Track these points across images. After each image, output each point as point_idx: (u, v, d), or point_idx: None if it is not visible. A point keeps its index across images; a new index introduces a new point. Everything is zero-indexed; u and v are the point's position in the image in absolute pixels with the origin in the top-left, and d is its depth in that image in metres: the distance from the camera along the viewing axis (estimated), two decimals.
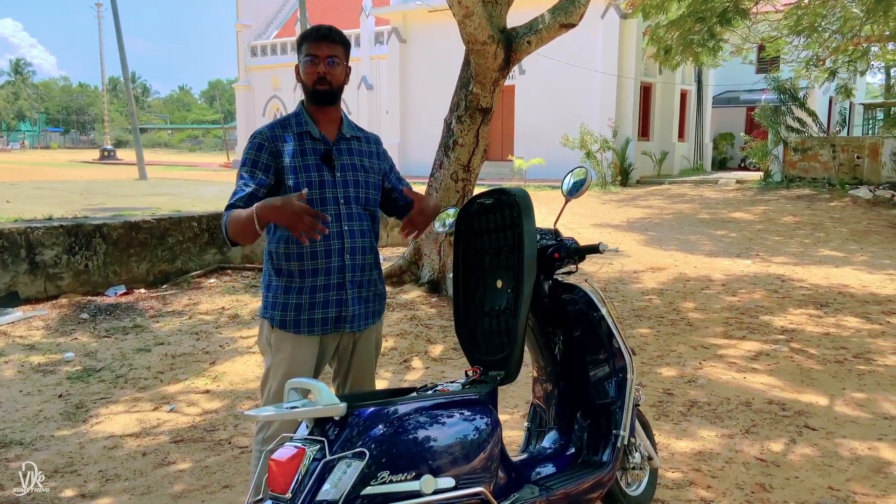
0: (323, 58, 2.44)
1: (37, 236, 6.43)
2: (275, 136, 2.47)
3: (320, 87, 2.46)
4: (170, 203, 9.07)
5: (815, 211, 13.98)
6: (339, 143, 2.53)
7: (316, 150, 2.48)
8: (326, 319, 2.48)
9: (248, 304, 6.58)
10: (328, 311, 2.48)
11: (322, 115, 2.52)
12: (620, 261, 8.91)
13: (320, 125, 2.52)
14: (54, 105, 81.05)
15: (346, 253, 2.48)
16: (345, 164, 2.52)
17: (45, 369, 4.90)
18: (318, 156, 2.48)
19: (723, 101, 27.09)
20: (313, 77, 2.45)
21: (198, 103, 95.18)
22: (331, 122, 2.54)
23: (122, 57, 20.27)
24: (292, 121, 2.52)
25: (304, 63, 2.46)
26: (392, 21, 25.69)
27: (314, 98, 2.49)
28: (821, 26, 14.74)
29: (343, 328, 2.52)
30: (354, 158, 2.55)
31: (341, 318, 2.50)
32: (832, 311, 6.47)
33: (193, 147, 67.09)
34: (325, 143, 2.50)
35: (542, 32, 5.93)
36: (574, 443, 2.81)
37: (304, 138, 2.49)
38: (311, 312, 2.47)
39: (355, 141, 2.59)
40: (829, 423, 3.95)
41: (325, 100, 2.49)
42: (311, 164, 2.46)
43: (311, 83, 2.46)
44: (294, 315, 2.46)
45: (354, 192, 2.52)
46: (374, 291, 2.61)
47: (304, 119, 2.51)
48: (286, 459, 1.99)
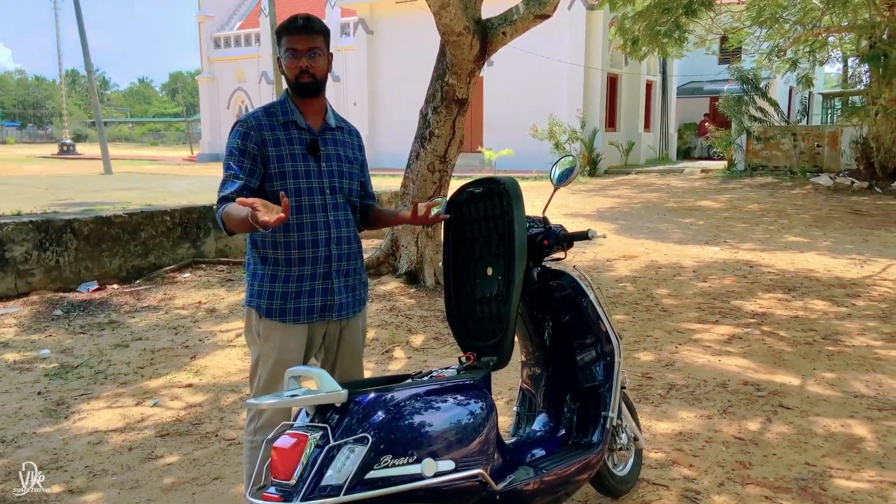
0: (304, 51, 2.43)
1: (6, 232, 6.30)
2: (260, 124, 2.46)
3: (304, 80, 2.45)
4: (140, 198, 8.95)
5: (779, 198, 14.32)
6: (324, 134, 2.54)
7: (302, 139, 2.49)
8: (313, 308, 2.50)
9: (225, 297, 6.53)
10: (314, 299, 2.49)
11: (307, 106, 2.53)
12: (593, 249, 9.03)
13: (305, 115, 2.52)
14: (10, 99, 78.85)
15: (332, 243, 2.50)
16: (329, 155, 2.53)
17: (20, 367, 4.82)
18: (304, 145, 2.48)
19: (687, 91, 27.53)
20: (296, 71, 2.44)
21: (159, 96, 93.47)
22: (316, 112, 2.55)
23: (85, 48, 19.81)
24: (278, 109, 2.51)
25: (286, 57, 2.45)
26: (359, 12, 25.52)
27: (298, 91, 2.49)
28: (782, 17, 15.07)
29: (330, 316, 2.54)
30: (339, 149, 2.57)
31: (327, 307, 2.52)
32: (799, 294, 6.66)
33: (155, 141, 65.87)
34: (311, 133, 2.51)
35: (517, 23, 5.98)
36: (564, 425, 2.88)
37: (290, 127, 2.49)
38: (298, 301, 2.48)
39: (339, 131, 2.60)
40: (803, 403, 4.08)
41: (310, 92, 2.49)
42: (297, 154, 2.46)
43: (293, 77, 2.45)
44: (280, 304, 2.47)
45: (339, 182, 2.54)
46: (358, 280, 2.64)
47: (290, 108, 2.51)
48: (289, 447, 2.01)
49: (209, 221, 7.82)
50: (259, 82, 32.14)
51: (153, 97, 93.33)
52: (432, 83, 6.29)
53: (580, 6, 20.80)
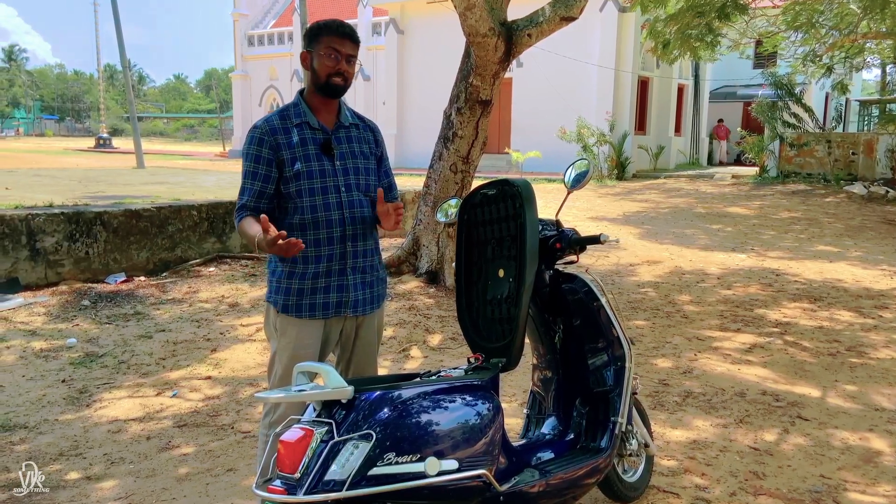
0: (344, 55, 2.49)
1: (38, 223, 6.46)
2: (273, 128, 2.51)
3: (335, 81, 2.50)
4: (169, 192, 9.09)
5: (811, 206, 14.07)
6: (337, 132, 2.58)
7: (315, 139, 2.53)
8: (328, 304, 2.54)
9: (247, 292, 6.62)
10: (330, 295, 2.54)
11: (323, 106, 2.57)
12: (617, 254, 8.97)
13: (319, 115, 2.56)
14: (49, 92, 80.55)
15: (347, 240, 2.54)
16: (343, 152, 2.57)
17: (47, 355, 4.94)
18: (318, 145, 2.53)
19: (720, 95, 27.15)
20: (331, 70, 2.48)
21: (194, 92, 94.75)
22: (330, 111, 2.59)
23: (121, 45, 20.18)
24: (290, 111, 2.56)
25: (324, 55, 2.48)
26: (390, 12, 25.62)
27: (325, 90, 2.52)
28: (818, 22, 14.79)
29: (345, 312, 2.58)
30: (353, 146, 2.61)
31: (342, 303, 2.56)
32: (826, 304, 6.55)
33: (189, 136, 66.85)
34: (324, 132, 2.55)
35: (542, 25, 5.97)
36: (573, 429, 2.88)
37: (304, 128, 2.53)
38: (314, 297, 2.52)
39: (353, 128, 2.64)
40: (822, 414, 4.02)
41: (335, 93, 2.54)
42: (311, 154, 2.51)
43: (325, 76, 2.49)
44: (296, 300, 2.52)
45: (355, 179, 2.57)
46: (375, 276, 2.67)
47: (303, 109, 2.55)
48: (295, 441, 2.05)
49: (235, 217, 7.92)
50: (291, 80, 32.46)
51: (188, 93, 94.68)
52: (457, 84, 6.31)
53: (612, 8, 20.65)
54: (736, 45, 17.47)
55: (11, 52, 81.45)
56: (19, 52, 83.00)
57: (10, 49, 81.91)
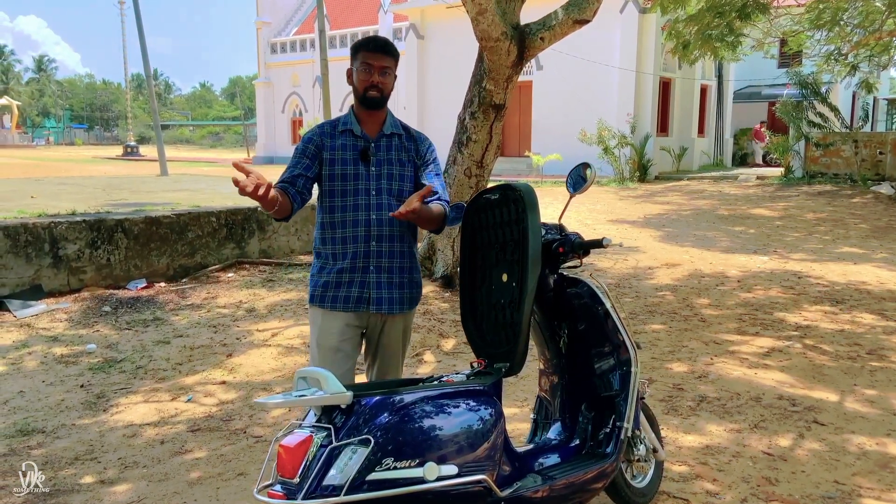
0: (377, 67, 2.68)
1: (60, 231, 6.59)
2: (323, 132, 2.77)
3: (371, 94, 2.70)
4: (190, 198, 9.21)
5: (837, 207, 13.83)
6: (378, 140, 2.77)
7: (356, 146, 2.74)
8: (349, 298, 2.70)
9: (265, 297, 6.68)
10: (352, 290, 2.71)
11: (368, 117, 2.78)
12: (635, 257, 8.90)
13: (364, 124, 2.77)
14: (79, 102, 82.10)
15: (372, 239, 2.70)
16: (381, 160, 2.76)
17: (67, 360, 5.03)
18: (357, 151, 2.74)
19: (744, 95, 26.83)
20: (366, 84, 2.69)
21: (219, 100, 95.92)
22: (375, 121, 2.79)
23: (144, 54, 20.50)
24: (340, 120, 2.80)
25: (359, 70, 2.70)
26: (410, 17, 25.73)
27: (364, 102, 2.73)
28: (842, 20, 14.56)
29: (366, 308, 2.72)
30: (392, 153, 2.78)
31: (363, 299, 2.71)
32: (848, 307, 6.43)
33: (214, 143, 67.63)
34: (366, 140, 2.75)
35: (555, 28, 5.95)
36: (578, 434, 2.86)
37: (347, 135, 2.75)
38: (337, 290, 2.71)
39: (396, 138, 2.81)
40: (839, 419, 3.95)
41: (374, 105, 2.73)
42: (347, 158, 2.73)
43: (362, 89, 2.70)
44: (321, 291, 2.73)
45: (388, 184, 2.74)
46: (407, 279, 2.79)
47: (350, 119, 2.77)
48: (294, 445, 2.07)
49: (253, 223, 8.01)
50: (313, 87, 32.69)
51: (213, 101, 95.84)
52: (470, 88, 6.31)
53: (632, 10, 20.51)
54: (760, 45, 17.25)
55: (41, 63, 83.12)
56: (49, 63, 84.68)
57: (40, 59, 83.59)
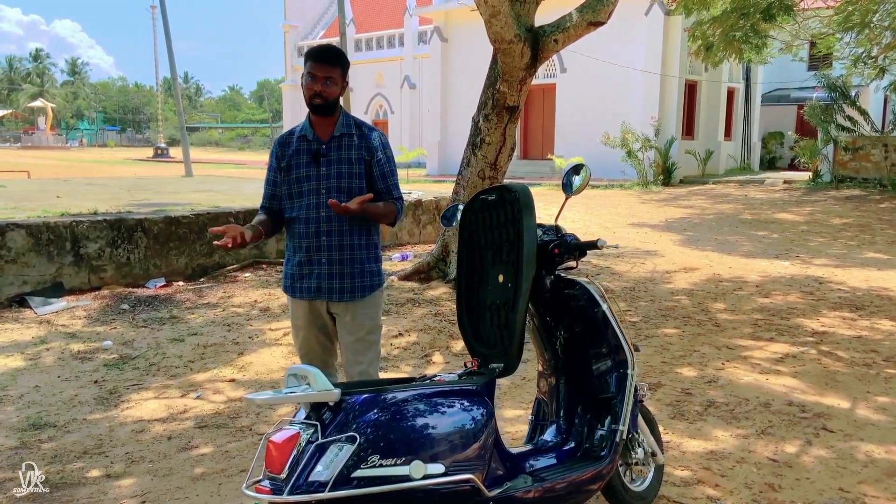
0: (321, 77, 2.86)
1: (81, 230, 6.72)
2: (283, 141, 3.03)
3: (316, 102, 2.88)
4: (211, 199, 9.33)
5: (864, 212, 13.58)
6: (329, 142, 2.95)
7: (309, 149, 2.95)
8: (307, 287, 2.97)
9: (280, 297, 6.74)
10: (310, 281, 2.96)
11: (319, 121, 2.97)
12: (654, 260, 8.83)
13: (317, 128, 2.97)
14: (112, 104, 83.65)
15: (322, 235, 2.93)
16: (331, 160, 2.94)
17: (83, 356, 5.13)
18: (310, 154, 2.94)
19: (773, 98, 26.45)
20: (311, 92, 2.87)
21: (248, 103, 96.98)
22: (327, 125, 2.97)
23: (171, 58, 20.88)
24: (297, 128, 3.03)
25: (305, 79, 2.88)
26: (434, 20, 25.82)
27: (312, 109, 2.93)
28: (872, 22, 14.29)
29: (324, 297, 2.96)
30: (342, 153, 2.95)
31: (321, 289, 2.95)
32: (867, 314, 6.31)
33: (243, 146, 68.47)
34: (318, 143, 2.95)
35: (569, 30, 5.93)
36: (574, 436, 2.85)
37: (302, 140, 2.98)
38: (298, 281, 3.00)
39: (346, 137, 2.97)
40: (848, 426, 3.88)
41: (320, 111, 2.92)
42: (301, 162, 2.95)
43: (308, 97, 2.89)
44: (287, 281, 3.05)
45: (337, 182, 2.93)
46: (358, 269, 2.98)
47: (305, 125, 3.00)
48: (282, 441, 2.09)
49: None
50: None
51: (242, 104, 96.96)
52: (484, 90, 6.33)
53: (658, 12, 20.35)
54: (788, 48, 17.02)
55: (75, 66, 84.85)
56: (83, 66, 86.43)
57: (74, 62, 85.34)
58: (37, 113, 55.31)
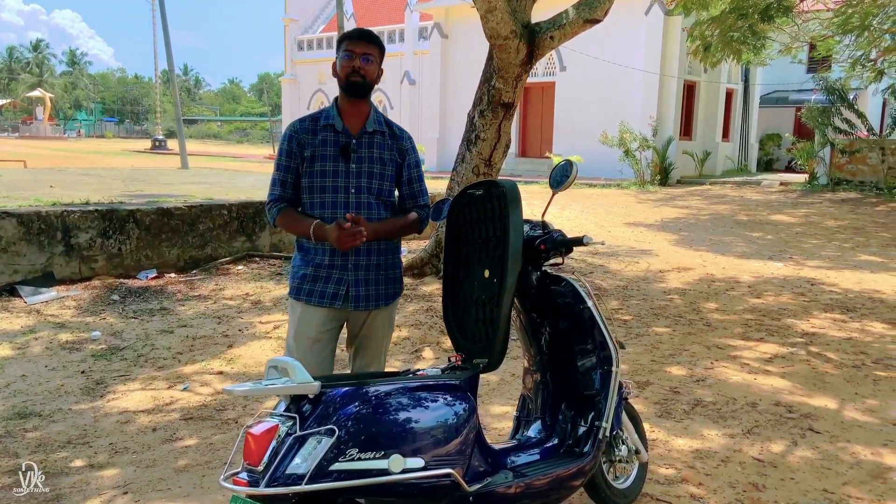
0: (359, 53, 2.68)
1: (73, 220, 6.69)
2: (304, 128, 2.75)
3: (354, 79, 2.68)
4: (205, 192, 9.31)
5: (859, 215, 13.59)
6: (360, 137, 2.74)
7: (336, 141, 2.72)
8: (325, 293, 2.72)
9: (272, 290, 6.73)
10: (329, 286, 2.72)
11: (351, 108, 2.75)
12: (647, 260, 8.83)
13: (347, 119, 2.74)
14: (110, 95, 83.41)
15: None
16: (362, 157, 2.73)
17: (71, 346, 5.11)
18: (337, 147, 2.71)
19: (771, 100, 26.47)
20: (348, 69, 2.68)
21: (247, 96, 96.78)
22: (358, 116, 2.76)
23: (168, 48, 20.82)
24: (321, 115, 2.78)
25: (342, 58, 2.70)
26: (435, 16, 25.74)
27: (347, 89, 2.72)
28: (871, 25, 14.28)
29: (344, 305, 2.72)
30: (374, 151, 2.76)
31: (339, 296, 2.72)
32: (858, 316, 6.32)
33: (241, 139, 68.28)
34: (347, 136, 2.73)
35: (565, 28, 5.92)
36: (557, 433, 2.84)
37: (328, 131, 2.73)
38: (314, 285, 2.73)
39: (378, 135, 2.78)
40: (835, 427, 3.88)
41: (357, 92, 2.72)
42: (328, 154, 2.71)
43: (345, 75, 2.69)
44: (299, 283, 2.76)
45: (367, 182, 2.73)
46: (384, 275, 2.78)
47: (332, 114, 2.75)
48: (260, 433, 2.08)
49: (265, 217, 8.06)
50: None
51: (242, 97, 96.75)
52: (480, 86, 6.31)
53: (658, 12, 20.31)
54: (787, 50, 17.01)
55: (74, 56, 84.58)
56: (82, 56, 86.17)
57: (73, 53, 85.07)
58: (35, 103, 55.09)
